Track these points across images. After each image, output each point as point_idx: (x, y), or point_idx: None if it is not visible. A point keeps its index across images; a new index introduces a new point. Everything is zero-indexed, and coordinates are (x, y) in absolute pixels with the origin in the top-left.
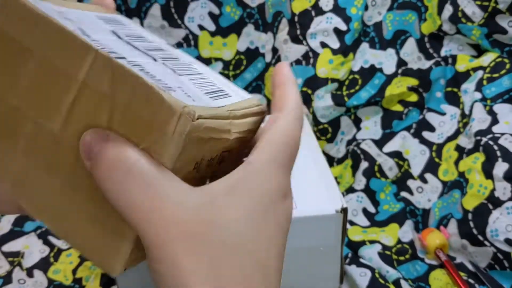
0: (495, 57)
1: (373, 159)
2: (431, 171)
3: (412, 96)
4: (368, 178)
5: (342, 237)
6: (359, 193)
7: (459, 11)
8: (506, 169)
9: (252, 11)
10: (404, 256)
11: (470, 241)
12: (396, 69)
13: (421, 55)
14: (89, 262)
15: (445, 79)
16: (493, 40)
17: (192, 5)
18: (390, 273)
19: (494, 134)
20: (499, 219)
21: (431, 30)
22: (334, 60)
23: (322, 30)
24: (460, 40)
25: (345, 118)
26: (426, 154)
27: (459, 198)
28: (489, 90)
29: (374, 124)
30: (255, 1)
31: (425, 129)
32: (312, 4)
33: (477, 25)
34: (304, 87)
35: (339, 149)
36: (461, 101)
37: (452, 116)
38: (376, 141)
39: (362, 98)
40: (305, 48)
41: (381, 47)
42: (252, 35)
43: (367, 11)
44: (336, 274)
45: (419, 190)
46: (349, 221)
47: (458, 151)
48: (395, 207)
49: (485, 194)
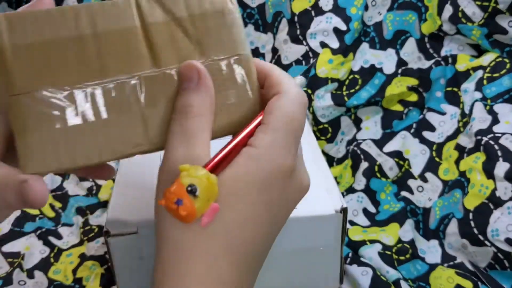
0: (495, 57)
1: (373, 159)
2: (431, 171)
3: (412, 96)
4: (368, 178)
5: (342, 237)
6: (360, 193)
7: (459, 11)
8: (507, 169)
9: (252, 11)
10: (405, 256)
11: (470, 241)
12: (396, 69)
13: (421, 55)
14: (89, 262)
15: (445, 78)
16: (493, 41)
17: None
18: (390, 274)
19: (495, 133)
20: (500, 219)
21: (431, 30)
22: (334, 60)
23: (322, 30)
24: (460, 40)
25: (345, 118)
26: (427, 154)
27: (460, 197)
28: (489, 89)
29: (374, 124)
30: (255, 1)
31: (425, 128)
32: (312, 4)
33: (477, 25)
34: (304, 87)
35: (339, 149)
36: (461, 101)
37: (452, 115)
38: (376, 141)
39: (362, 98)
40: (305, 48)
41: (381, 47)
42: (252, 35)
43: (367, 11)
44: (336, 274)
45: (419, 189)
46: (350, 221)
47: (458, 151)
48: (395, 207)
49: (486, 194)
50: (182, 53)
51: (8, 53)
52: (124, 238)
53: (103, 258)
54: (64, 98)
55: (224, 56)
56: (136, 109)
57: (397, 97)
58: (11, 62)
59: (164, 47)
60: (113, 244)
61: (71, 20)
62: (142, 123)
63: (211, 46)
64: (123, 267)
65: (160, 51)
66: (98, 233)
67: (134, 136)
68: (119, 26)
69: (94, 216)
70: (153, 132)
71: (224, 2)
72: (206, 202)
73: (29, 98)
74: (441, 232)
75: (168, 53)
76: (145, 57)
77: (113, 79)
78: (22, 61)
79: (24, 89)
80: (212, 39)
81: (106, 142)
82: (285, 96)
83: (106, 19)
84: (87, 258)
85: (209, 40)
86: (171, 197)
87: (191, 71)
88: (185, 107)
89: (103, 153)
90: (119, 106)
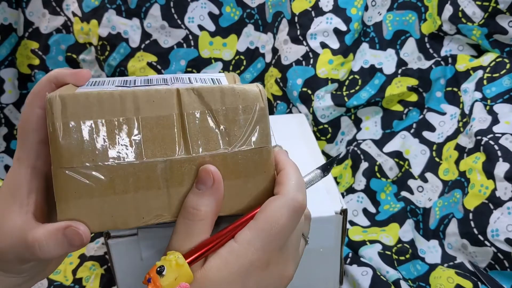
0: (495, 57)
1: (373, 159)
2: (431, 171)
3: (412, 96)
4: (369, 178)
5: (342, 238)
6: (360, 193)
7: (459, 11)
8: (507, 169)
9: (252, 11)
10: (405, 256)
11: (470, 241)
12: (396, 69)
13: (421, 55)
14: (89, 263)
15: (445, 78)
16: (493, 40)
17: (192, 5)
18: (390, 274)
19: (495, 134)
20: (500, 219)
21: (431, 30)
22: (334, 60)
23: (322, 30)
24: (460, 40)
25: (345, 118)
26: (427, 154)
27: (460, 198)
28: (489, 90)
29: (374, 124)
30: (255, 1)
31: (425, 129)
32: (312, 5)
33: (477, 25)
34: (304, 87)
35: (339, 149)
36: (461, 101)
37: (452, 115)
38: (376, 141)
39: (362, 98)
40: (305, 49)
41: (381, 47)
42: (252, 35)
43: (367, 11)
44: (336, 275)
45: (419, 190)
46: (350, 221)
47: (458, 151)
48: (395, 207)
49: (486, 194)
50: (211, 143)
51: (59, 132)
52: (124, 240)
53: (103, 259)
54: (102, 174)
55: (249, 148)
56: (163, 186)
57: (397, 97)
58: (61, 140)
59: (196, 135)
60: (113, 246)
61: (118, 104)
62: (167, 198)
63: (239, 138)
64: (123, 268)
65: (191, 139)
66: (98, 234)
67: (160, 209)
68: (160, 113)
69: None
70: (175, 206)
71: (256, 98)
72: (173, 281)
73: (73, 172)
74: (441, 232)
75: (198, 141)
76: (177, 143)
77: (147, 160)
78: (70, 139)
79: (69, 164)
80: (241, 131)
81: (135, 212)
82: (280, 199)
83: (149, 105)
84: (87, 258)
85: (237, 133)
86: (146, 276)
87: (207, 176)
88: (193, 209)
89: (129, 221)
90: (150, 183)
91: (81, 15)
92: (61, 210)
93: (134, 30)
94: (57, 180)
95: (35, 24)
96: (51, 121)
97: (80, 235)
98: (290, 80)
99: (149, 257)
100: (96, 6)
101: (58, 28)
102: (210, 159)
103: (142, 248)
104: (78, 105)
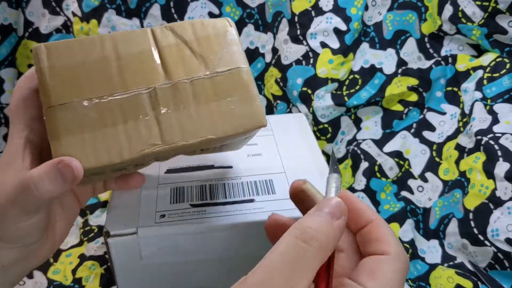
0: (495, 57)
1: (373, 159)
2: (431, 170)
3: (412, 95)
4: (369, 178)
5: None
6: (360, 193)
7: (459, 11)
8: (507, 169)
9: (252, 11)
10: None
11: (470, 241)
12: (396, 69)
13: (421, 55)
14: (88, 262)
15: (445, 78)
16: (493, 40)
17: (192, 5)
18: None
19: (495, 133)
20: (500, 218)
21: (431, 30)
22: (334, 60)
23: (322, 30)
24: (460, 40)
25: (345, 118)
26: (427, 154)
27: (460, 197)
28: (489, 89)
29: (374, 124)
30: (255, 1)
31: (425, 128)
32: (312, 4)
33: (477, 25)
34: (304, 87)
35: (339, 149)
36: (461, 101)
37: (452, 115)
38: (376, 141)
39: (362, 98)
40: (305, 48)
41: (381, 47)
42: (252, 35)
43: (367, 11)
44: None
45: (419, 189)
46: None
47: (458, 150)
48: (395, 207)
49: (486, 194)
50: (189, 69)
51: (46, 74)
52: (124, 238)
53: (102, 258)
54: (91, 108)
55: (226, 69)
56: (151, 114)
57: (397, 97)
58: (49, 81)
59: (175, 64)
60: (113, 245)
61: (98, 45)
62: (157, 126)
63: (215, 61)
64: (123, 267)
65: (171, 67)
66: (98, 233)
67: (152, 137)
68: (137, 49)
69: (93, 216)
70: (166, 133)
71: (224, 25)
72: None
73: (62, 109)
74: (441, 232)
75: (178, 68)
76: (159, 72)
77: (132, 91)
78: (57, 79)
79: (58, 101)
80: (216, 55)
81: (128, 144)
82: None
83: (126, 44)
84: (87, 258)
85: (213, 57)
86: None
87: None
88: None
89: (124, 153)
90: (137, 112)
91: (81, 15)
92: (54, 148)
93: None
94: (48, 120)
95: (35, 24)
96: (38, 67)
97: (71, 167)
98: (290, 80)
99: (148, 256)
100: (96, 6)
101: (58, 28)
102: (191, 84)
103: (142, 247)
104: (62, 50)
